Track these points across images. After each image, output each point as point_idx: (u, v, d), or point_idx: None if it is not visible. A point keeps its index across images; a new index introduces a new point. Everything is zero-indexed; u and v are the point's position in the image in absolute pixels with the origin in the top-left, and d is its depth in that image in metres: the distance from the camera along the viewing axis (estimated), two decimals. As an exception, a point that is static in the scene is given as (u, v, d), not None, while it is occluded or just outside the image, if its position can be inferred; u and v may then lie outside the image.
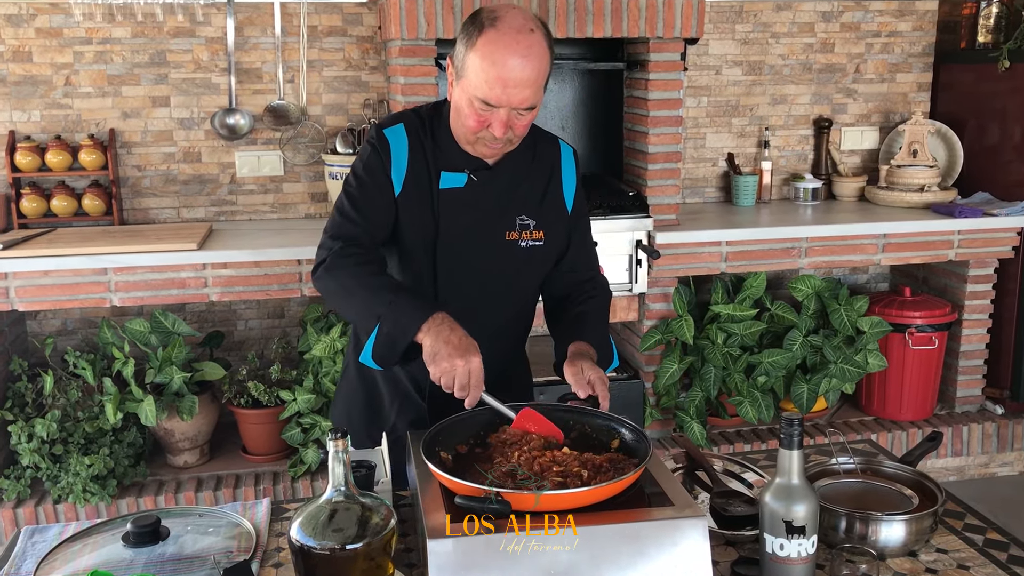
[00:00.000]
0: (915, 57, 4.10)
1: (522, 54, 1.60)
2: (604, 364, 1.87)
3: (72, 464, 3.08)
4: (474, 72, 1.62)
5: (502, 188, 1.81)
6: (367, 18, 3.61)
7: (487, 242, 1.81)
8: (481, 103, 1.64)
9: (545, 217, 1.85)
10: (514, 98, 1.62)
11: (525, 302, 1.94)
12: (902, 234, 3.57)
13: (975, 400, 3.88)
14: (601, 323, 1.92)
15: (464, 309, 1.78)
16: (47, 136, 3.48)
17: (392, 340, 1.61)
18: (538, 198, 1.85)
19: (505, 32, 1.60)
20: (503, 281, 1.85)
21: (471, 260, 1.80)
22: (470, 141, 1.74)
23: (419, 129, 1.80)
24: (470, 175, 1.79)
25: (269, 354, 3.57)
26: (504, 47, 1.59)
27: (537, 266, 1.88)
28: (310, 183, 3.71)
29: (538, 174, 1.87)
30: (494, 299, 1.85)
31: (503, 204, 1.81)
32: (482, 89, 1.62)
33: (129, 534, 1.53)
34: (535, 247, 1.84)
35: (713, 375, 3.47)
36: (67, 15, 3.41)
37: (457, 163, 1.79)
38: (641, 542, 1.32)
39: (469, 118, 1.68)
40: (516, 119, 1.67)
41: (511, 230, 1.81)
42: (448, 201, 1.78)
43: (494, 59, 1.60)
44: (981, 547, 1.52)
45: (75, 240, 3.15)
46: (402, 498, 1.73)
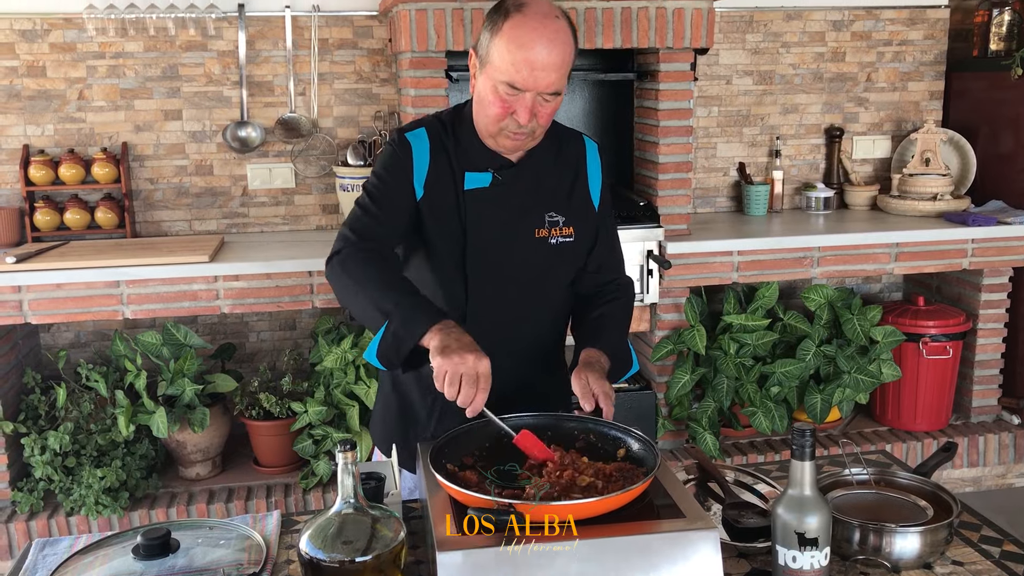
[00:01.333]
0: (927, 65, 4.08)
1: (549, 37, 1.60)
2: (622, 369, 1.85)
3: (84, 476, 3.08)
4: (500, 56, 1.62)
5: (528, 185, 1.80)
6: (378, 31, 3.63)
7: (517, 241, 1.79)
8: (507, 87, 1.63)
9: (574, 213, 1.83)
10: (540, 81, 1.62)
11: (559, 301, 1.90)
12: (915, 243, 3.55)
13: (991, 410, 3.85)
14: (619, 327, 1.89)
15: (495, 308, 1.79)
16: (60, 150, 3.51)
17: (398, 340, 1.57)
18: (566, 194, 1.84)
19: (532, 16, 1.61)
20: (535, 279, 1.83)
21: (501, 260, 1.78)
22: (492, 133, 1.71)
23: (441, 132, 1.79)
24: (495, 174, 1.77)
25: (281, 366, 3.58)
26: (531, 30, 1.60)
27: (569, 263, 1.85)
28: (321, 195, 3.72)
29: (564, 170, 1.85)
30: (527, 299, 1.83)
31: (530, 201, 1.80)
32: (508, 72, 1.62)
33: (139, 547, 1.52)
34: (565, 243, 1.82)
35: (726, 385, 3.46)
36: (80, 30, 3.44)
37: (481, 163, 1.77)
38: (652, 554, 1.31)
39: (493, 105, 1.66)
40: (541, 105, 1.66)
41: (540, 227, 1.80)
42: (474, 202, 1.77)
43: (521, 42, 1.60)
44: (998, 559, 1.50)
45: (88, 253, 3.17)
46: (412, 510, 1.72)
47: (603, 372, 1.74)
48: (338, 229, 3.63)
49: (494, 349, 1.73)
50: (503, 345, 1.76)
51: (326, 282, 3.14)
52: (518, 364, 1.80)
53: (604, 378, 1.71)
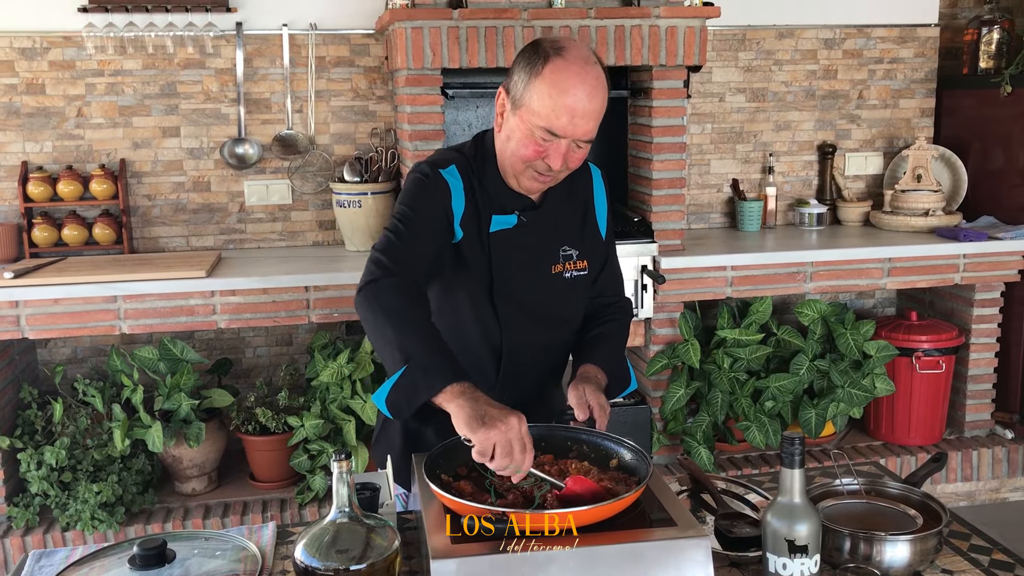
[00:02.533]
0: (918, 83, 4.12)
1: (591, 84, 1.59)
2: (619, 387, 1.87)
3: (80, 491, 3.09)
4: (539, 101, 1.60)
5: (548, 225, 1.80)
6: (374, 49, 3.67)
7: (536, 279, 1.80)
8: (544, 132, 1.61)
9: (587, 246, 1.85)
10: (579, 129, 1.61)
11: (571, 332, 1.91)
12: (907, 258, 3.58)
13: (984, 424, 3.87)
14: (617, 345, 1.91)
15: (525, 345, 1.81)
16: (59, 166, 3.53)
17: (414, 390, 1.48)
18: (578, 228, 1.85)
19: (573, 62, 1.59)
20: (554, 314, 1.84)
21: (525, 298, 1.79)
22: (517, 172, 1.70)
23: (469, 171, 1.76)
24: (520, 216, 1.77)
25: (277, 381, 3.59)
26: (574, 75, 1.58)
27: (581, 294, 1.87)
28: (318, 211, 3.74)
29: (577, 204, 1.86)
30: (548, 332, 1.85)
31: (548, 240, 1.81)
32: (548, 118, 1.60)
33: (135, 557, 1.53)
34: (579, 276, 1.83)
35: (720, 400, 3.47)
36: (80, 48, 3.47)
37: (507, 205, 1.76)
38: (644, 562, 1.32)
39: (527, 148, 1.64)
40: (573, 152, 1.65)
41: (556, 263, 1.81)
42: (499, 243, 1.76)
43: (564, 87, 1.58)
44: (987, 568, 1.51)
45: (85, 268, 3.18)
46: (407, 522, 1.73)
47: (599, 386, 1.76)
48: (336, 246, 3.70)
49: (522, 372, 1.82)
50: (529, 368, 1.84)
51: (323, 298, 3.17)
52: (536, 382, 1.87)
53: (600, 391, 1.73)
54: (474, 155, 1.78)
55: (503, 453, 1.39)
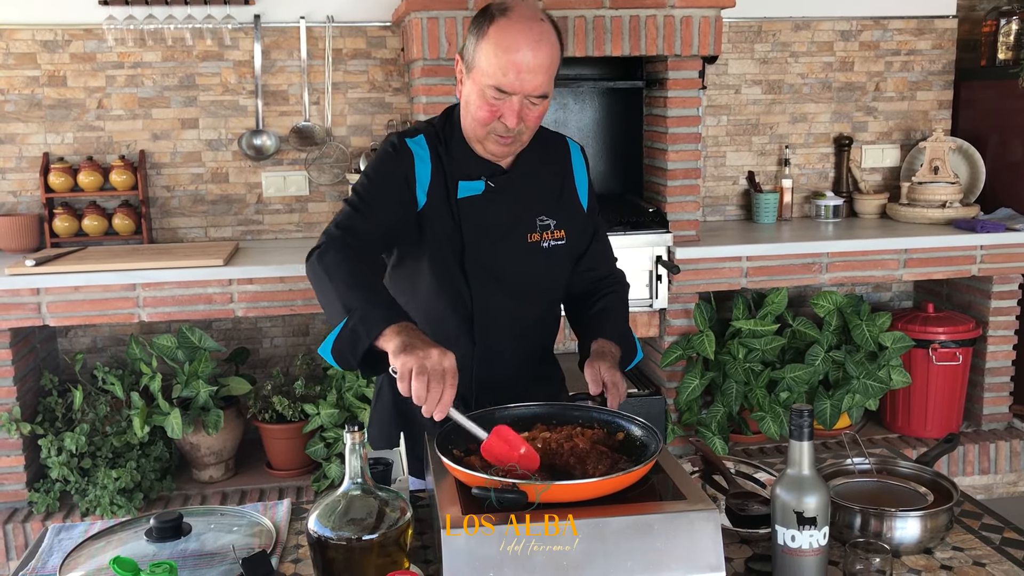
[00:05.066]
0: (935, 75, 4.10)
1: (534, 39, 1.62)
2: (628, 358, 1.88)
3: (100, 477, 3.13)
4: (486, 60, 1.64)
5: (519, 192, 1.82)
6: (391, 41, 3.69)
7: (511, 247, 1.81)
8: (494, 91, 1.64)
9: (564, 216, 1.86)
10: (527, 84, 1.63)
11: (551, 302, 1.94)
12: (924, 249, 3.56)
13: (1002, 417, 3.84)
14: (621, 317, 1.93)
15: (498, 313, 1.81)
16: (79, 157, 3.58)
17: (355, 336, 1.51)
18: (555, 197, 1.86)
19: (516, 20, 1.63)
20: (531, 284, 1.85)
21: (499, 266, 1.81)
22: (480, 137, 1.73)
23: (436, 140, 1.80)
24: (487, 182, 1.79)
25: (294, 371, 3.62)
26: (517, 33, 1.62)
27: (562, 265, 1.89)
28: (335, 202, 3.77)
29: (551, 174, 1.87)
30: (524, 302, 1.86)
31: (522, 207, 1.82)
32: (495, 76, 1.63)
33: (152, 530, 1.56)
34: (557, 246, 1.84)
35: (735, 391, 3.47)
36: (100, 40, 3.51)
37: (473, 171, 1.79)
38: (653, 535, 1.33)
39: (480, 109, 1.68)
40: (528, 109, 1.67)
41: (532, 232, 1.82)
42: (468, 210, 1.78)
43: (507, 45, 1.61)
44: (998, 545, 1.51)
45: (105, 257, 3.22)
46: (420, 499, 1.75)
47: (615, 361, 1.77)
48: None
49: (500, 348, 1.82)
50: (508, 345, 1.84)
51: (338, 286, 3.19)
52: (520, 356, 1.87)
53: (616, 367, 1.74)
54: (443, 125, 1.81)
55: (417, 379, 1.40)
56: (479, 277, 1.80)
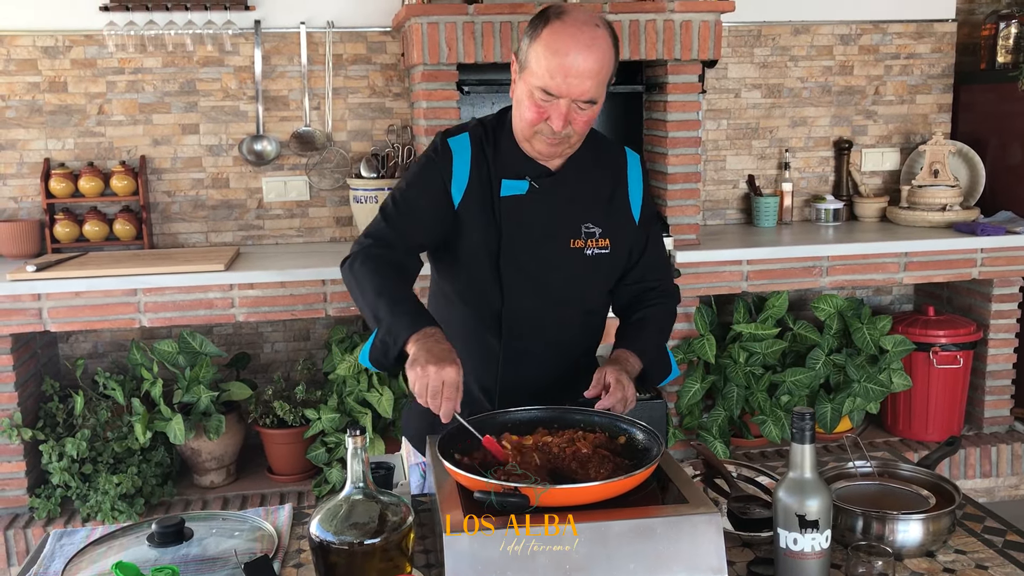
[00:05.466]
0: (934, 78, 4.11)
1: (586, 44, 1.61)
2: (659, 374, 1.87)
3: (101, 483, 3.13)
4: (536, 62, 1.64)
5: (566, 195, 1.80)
6: (391, 46, 3.70)
7: (551, 250, 1.80)
8: (542, 93, 1.65)
9: (612, 224, 1.83)
10: (575, 88, 1.63)
11: (592, 311, 1.91)
12: (924, 252, 3.56)
13: (1003, 420, 3.84)
14: (656, 331, 1.89)
15: (530, 315, 1.81)
16: (80, 163, 3.58)
17: (385, 346, 1.63)
18: (604, 205, 1.84)
19: (570, 24, 1.63)
20: (569, 289, 1.83)
21: (535, 268, 1.80)
22: (527, 136, 1.73)
23: (483, 138, 1.80)
24: (532, 182, 1.78)
25: (295, 376, 3.62)
26: (568, 36, 1.61)
27: (604, 274, 1.86)
28: (335, 207, 3.78)
29: (603, 181, 1.85)
30: (560, 307, 1.84)
31: (567, 211, 1.80)
32: (543, 78, 1.63)
33: (154, 534, 1.56)
34: (601, 255, 1.82)
35: (736, 394, 3.47)
36: (101, 46, 3.52)
37: (519, 171, 1.79)
38: (655, 538, 1.33)
39: (529, 110, 1.68)
40: (575, 113, 1.67)
41: (576, 238, 1.80)
42: (509, 209, 1.78)
43: (556, 48, 1.61)
44: (1000, 548, 1.51)
45: (106, 263, 3.22)
46: (422, 503, 1.75)
47: (627, 370, 1.75)
48: (352, 241, 3.72)
49: (529, 349, 1.82)
50: (537, 347, 1.83)
51: (340, 291, 3.20)
52: (552, 361, 1.84)
53: (622, 373, 1.72)
54: (495, 124, 1.83)
55: (419, 394, 1.54)
56: (512, 276, 1.79)
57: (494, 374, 1.84)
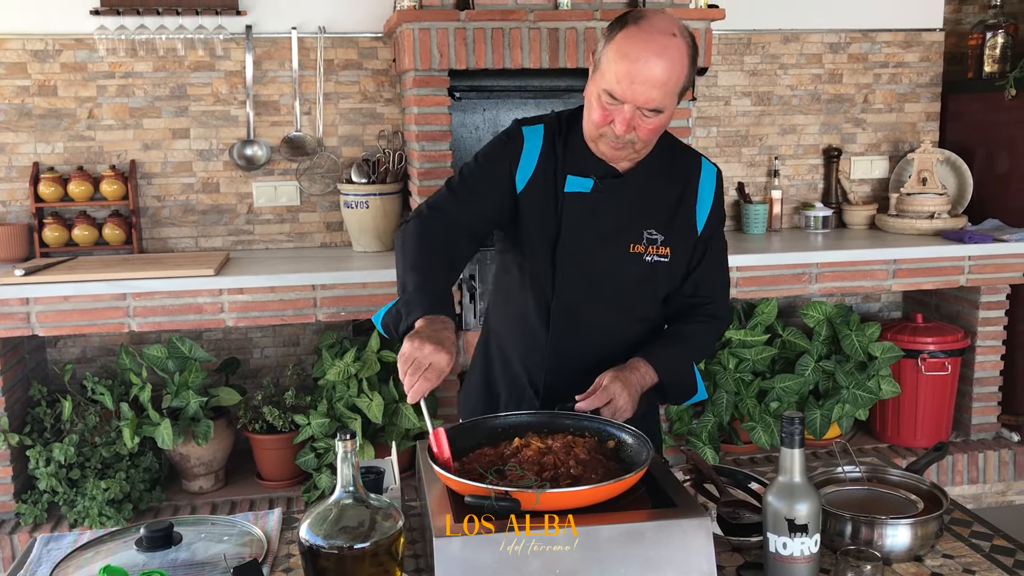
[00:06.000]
0: (923, 87, 4.14)
1: (656, 52, 1.60)
2: (680, 394, 1.85)
3: (89, 488, 3.11)
4: (607, 64, 1.64)
5: (630, 198, 1.80)
6: (382, 52, 3.70)
7: (609, 252, 1.80)
8: (608, 96, 1.65)
9: (675, 233, 1.82)
10: (640, 96, 1.62)
11: (644, 319, 1.88)
12: (912, 259, 3.58)
13: (990, 427, 3.86)
14: (686, 349, 1.85)
15: (578, 313, 1.81)
16: (70, 167, 3.57)
17: (399, 316, 1.65)
18: (669, 213, 1.82)
19: (645, 30, 1.62)
20: (623, 294, 1.83)
21: (591, 267, 1.80)
22: (593, 138, 1.74)
23: (556, 132, 1.82)
24: (597, 181, 1.79)
25: (284, 381, 3.61)
26: (640, 42, 1.61)
27: (660, 283, 1.84)
28: (326, 212, 3.77)
29: (671, 188, 1.83)
30: (611, 311, 1.83)
31: (630, 215, 1.80)
32: (611, 82, 1.63)
33: (142, 539, 1.55)
34: (660, 263, 1.81)
35: (725, 400, 3.48)
36: (91, 50, 3.51)
37: (586, 169, 1.79)
38: (645, 542, 1.33)
39: (596, 111, 1.68)
40: (640, 120, 1.66)
41: (637, 243, 1.80)
42: (572, 205, 1.79)
43: (627, 53, 1.61)
44: (988, 553, 1.52)
45: (95, 267, 3.21)
46: (412, 508, 1.75)
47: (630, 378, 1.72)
48: (344, 247, 3.73)
49: (575, 347, 1.81)
50: (584, 347, 1.82)
51: (330, 296, 3.20)
52: (597, 363, 1.78)
53: (621, 380, 1.70)
54: (570, 120, 1.84)
55: (402, 365, 1.53)
56: (566, 271, 1.80)
57: (540, 364, 1.85)
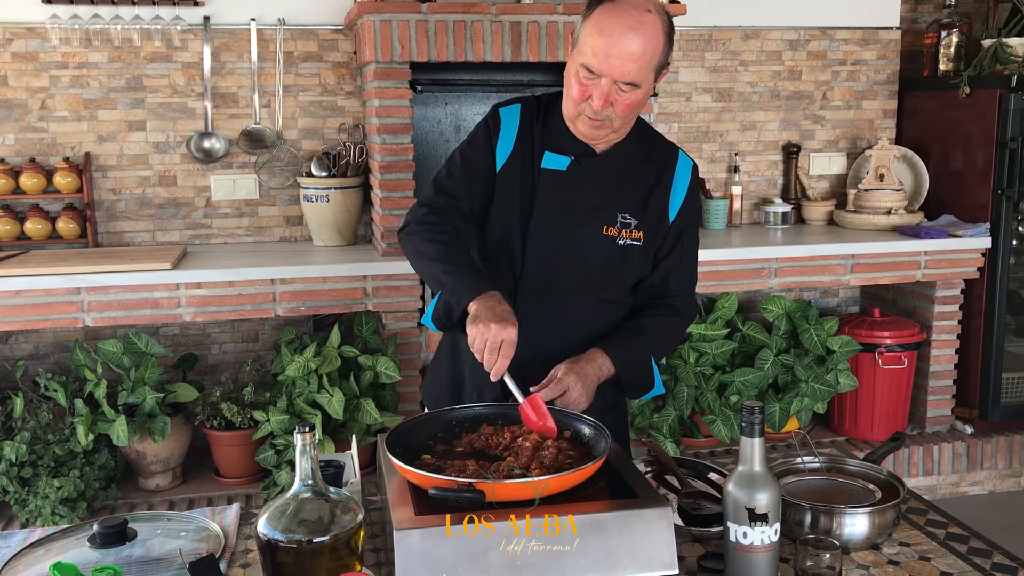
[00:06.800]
0: (880, 85, 4.19)
1: (630, 27, 1.63)
2: (637, 387, 1.84)
3: (41, 487, 3.04)
4: (584, 40, 1.68)
5: (606, 180, 1.81)
6: (343, 44, 3.66)
7: (583, 231, 1.81)
8: (585, 71, 1.68)
9: (647, 219, 1.83)
10: (615, 69, 1.65)
11: (612, 302, 1.88)
12: (870, 255, 3.63)
13: (945, 420, 3.93)
14: (646, 342, 1.84)
15: (546, 294, 1.81)
16: (22, 159, 3.49)
17: (448, 307, 1.68)
18: (643, 198, 1.84)
19: (621, 6, 1.66)
20: (592, 275, 1.83)
21: (562, 245, 1.81)
22: (572, 116, 1.76)
23: (534, 111, 1.85)
24: (573, 160, 1.80)
25: (243, 377, 3.56)
26: (616, 17, 1.64)
27: (631, 267, 1.85)
28: (285, 206, 3.73)
29: (647, 175, 1.85)
30: (580, 291, 1.83)
31: (605, 197, 1.81)
32: (587, 56, 1.66)
33: (96, 535, 1.52)
34: (632, 247, 1.83)
35: (686, 394, 3.50)
36: (44, 40, 3.44)
37: (563, 146, 1.81)
38: (606, 533, 1.33)
39: (574, 87, 1.71)
40: (617, 95, 1.68)
41: (611, 225, 1.81)
42: (547, 181, 1.81)
43: (602, 27, 1.65)
44: (943, 540, 1.54)
45: (48, 261, 3.15)
46: (372, 503, 1.73)
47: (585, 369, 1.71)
48: (304, 241, 3.69)
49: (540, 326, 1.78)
50: (549, 327, 1.81)
51: (290, 291, 3.17)
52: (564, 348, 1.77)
53: (575, 372, 1.69)
54: (548, 101, 1.87)
55: (477, 349, 1.59)
56: (537, 247, 1.81)
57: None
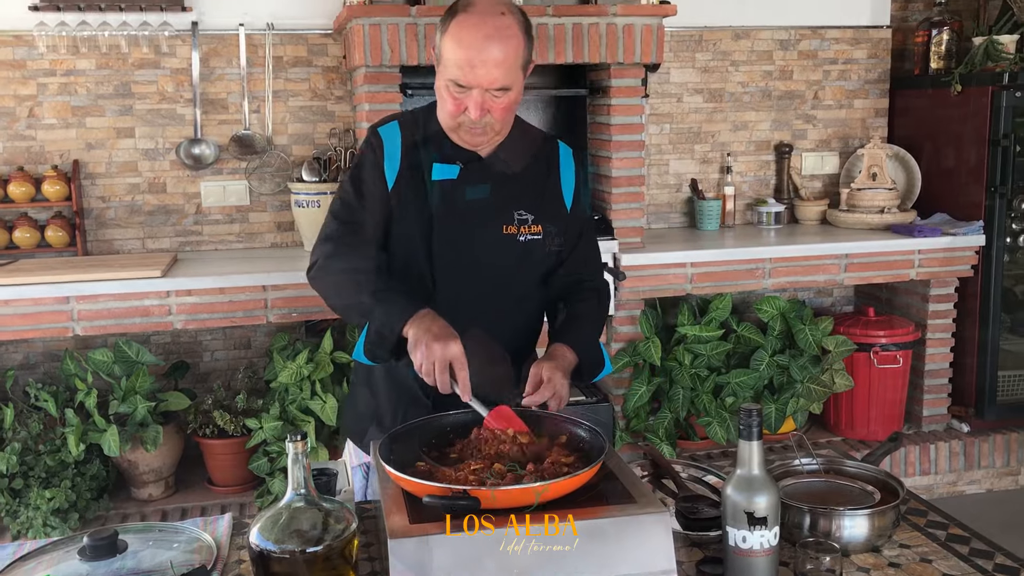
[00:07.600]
0: (871, 83, 4.19)
1: (488, 34, 1.63)
2: (594, 370, 1.87)
3: (32, 498, 3.01)
4: (447, 55, 1.67)
5: (497, 181, 1.82)
6: (332, 49, 3.65)
7: (484, 234, 1.81)
8: (455, 85, 1.67)
9: (544, 213, 1.85)
10: (483, 78, 1.65)
11: (527, 299, 1.91)
12: (864, 254, 3.62)
13: (941, 419, 3.92)
14: (590, 327, 1.90)
15: (462, 301, 1.80)
16: (10, 168, 3.46)
17: (381, 336, 1.65)
18: (536, 193, 1.86)
19: (474, 15, 1.65)
20: (502, 274, 1.84)
21: (468, 252, 1.81)
22: (452, 128, 1.76)
23: (412, 125, 1.84)
24: (463, 167, 1.80)
25: (235, 385, 3.54)
26: (473, 27, 1.64)
27: (537, 261, 1.87)
28: (276, 212, 3.71)
29: (535, 169, 1.87)
30: (494, 292, 1.84)
31: (499, 197, 1.82)
32: (453, 71, 1.66)
33: (86, 548, 1.49)
34: (533, 241, 1.84)
35: (682, 396, 3.48)
36: (31, 47, 3.41)
37: (450, 155, 1.81)
38: (604, 538, 1.31)
39: (447, 102, 1.71)
40: (491, 101, 1.69)
41: (509, 224, 1.82)
42: (442, 192, 1.80)
43: (461, 40, 1.64)
44: (943, 542, 1.53)
45: (37, 269, 3.12)
46: (365, 511, 1.71)
47: (562, 365, 1.75)
48: (295, 247, 3.67)
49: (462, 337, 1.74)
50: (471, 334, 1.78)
51: (281, 297, 3.14)
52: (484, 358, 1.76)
53: (559, 370, 1.72)
54: (425, 113, 1.86)
55: (426, 374, 1.57)
56: (445, 260, 1.80)
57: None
